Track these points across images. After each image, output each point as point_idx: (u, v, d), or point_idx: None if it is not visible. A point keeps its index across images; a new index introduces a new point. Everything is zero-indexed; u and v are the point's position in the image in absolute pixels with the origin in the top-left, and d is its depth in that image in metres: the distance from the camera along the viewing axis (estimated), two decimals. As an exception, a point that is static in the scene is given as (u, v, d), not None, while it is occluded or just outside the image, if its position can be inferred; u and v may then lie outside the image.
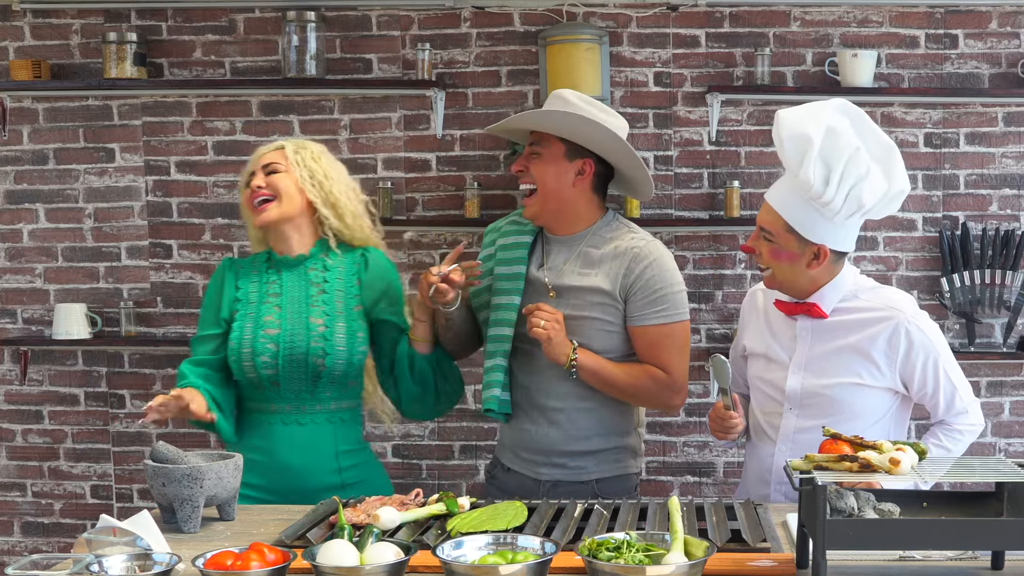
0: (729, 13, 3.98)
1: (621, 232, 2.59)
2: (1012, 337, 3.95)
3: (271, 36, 4.05)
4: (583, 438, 2.57)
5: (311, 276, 2.62)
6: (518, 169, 2.56)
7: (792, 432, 2.45)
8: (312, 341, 2.54)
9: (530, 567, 1.70)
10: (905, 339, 2.38)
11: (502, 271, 2.63)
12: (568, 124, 2.49)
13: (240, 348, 2.56)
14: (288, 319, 2.57)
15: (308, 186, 2.60)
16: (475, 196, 3.96)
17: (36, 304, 4.17)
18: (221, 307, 2.63)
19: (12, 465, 4.20)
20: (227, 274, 2.67)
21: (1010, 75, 3.94)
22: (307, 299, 2.59)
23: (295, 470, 2.55)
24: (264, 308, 2.59)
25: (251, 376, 2.55)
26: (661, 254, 2.54)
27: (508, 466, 2.67)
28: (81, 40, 4.09)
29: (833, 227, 2.35)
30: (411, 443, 4.13)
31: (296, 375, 2.54)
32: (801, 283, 2.42)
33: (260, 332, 2.56)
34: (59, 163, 4.13)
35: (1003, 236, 3.91)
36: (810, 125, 2.28)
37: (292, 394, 2.56)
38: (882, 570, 1.83)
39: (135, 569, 1.78)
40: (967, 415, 2.45)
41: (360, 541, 1.84)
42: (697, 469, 4.09)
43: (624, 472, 2.63)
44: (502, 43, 4.02)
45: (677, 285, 2.54)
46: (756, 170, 4.01)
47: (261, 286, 2.63)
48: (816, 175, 2.27)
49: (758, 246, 2.44)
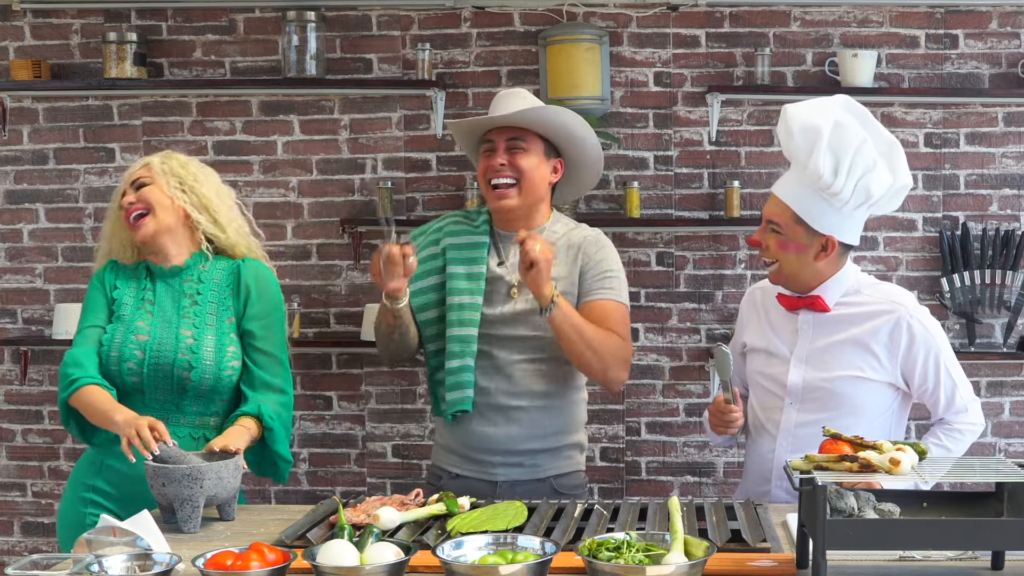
0: (729, 13, 3.98)
1: (570, 226, 2.67)
2: (1012, 337, 3.95)
3: (271, 36, 4.05)
4: (543, 436, 2.59)
5: (185, 287, 2.56)
6: (501, 163, 2.55)
7: (792, 427, 2.45)
8: (179, 353, 2.47)
9: (530, 567, 1.70)
10: (907, 333, 2.40)
11: (458, 270, 2.61)
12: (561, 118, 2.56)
13: (109, 351, 2.49)
14: (158, 327, 2.51)
15: (178, 193, 2.55)
16: (475, 196, 3.96)
17: (36, 304, 4.17)
18: (101, 304, 2.57)
19: (12, 465, 4.20)
20: (107, 274, 2.60)
21: (1010, 75, 3.94)
22: (179, 310, 2.54)
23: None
24: (138, 314, 2.54)
25: (117, 381, 2.48)
26: (609, 243, 2.65)
27: (456, 472, 2.64)
28: (81, 40, 4.09)
29: (841, 218, 2.38)
30: (411, 443, 4.13)
31: (161, 385, 2.49)
32: (806, 276, 2.44)
33: (130, 337, 2.50)
34: (59, 163, 4.13)
35: (1003, 236, 3.91)
36: (818, 117, 2.33)
37: (157, 403, 2.49)
38: (882, 570, 1.83)
39: (135, 569, 1.78)
40: (967, 413, 2.46)
41: (360, 541, 1.84)
42: (697, 469, 4.09)
43: (576, 468, 2.67)
44: (502, 43, 4.02)
45: (622, 272, 2.63)
46: (756, 170, 4.01)
47: (137, 292, 2.57)
48: (826, 165, 2.31)
49: (765, 239, 2.46)
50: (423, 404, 4.10)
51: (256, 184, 4.09)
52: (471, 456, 2.61)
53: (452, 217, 2.75)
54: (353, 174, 4.08)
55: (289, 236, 4.09)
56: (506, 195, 2.57)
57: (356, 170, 4.08)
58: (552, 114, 2.56)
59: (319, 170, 4.07)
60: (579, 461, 2.69)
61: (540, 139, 2.58)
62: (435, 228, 2.73)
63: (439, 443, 2.71)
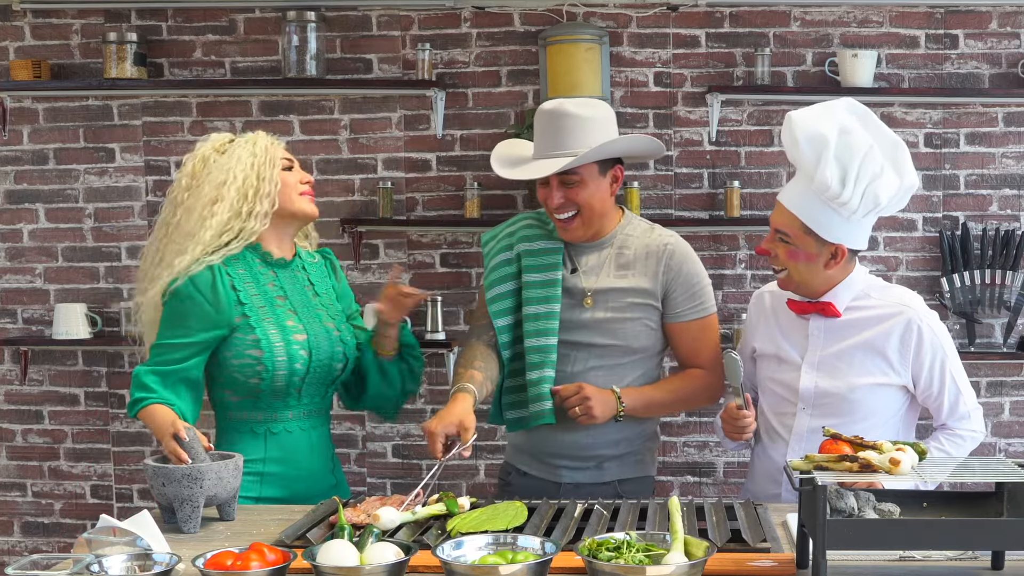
0: (729, 13, 3.98)
1: (644, 230, 2.63)
2: (1012, 337, 3.95)
3: (271, 36, 4.05)
4: (615, 442, 2.58)
5: (299, 278, 2.54)
6: (559, 203, 2.51)
7: (805, 432, 2.45)
8: (335, 346, 2.48)
9: (530, 567, 1.70)
10: (917, 335, 2.40)
11: (534, 278, 2.58)
12: (613, 148, 2.52)
13: (273, 356, 2.38)
14: (307, 323, 2.46)
15: None
16: (475, 196, 3.96)
17: (36, 304, 4.17)
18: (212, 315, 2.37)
19: (12, 465, 4.20)
20: (217, 278, 2.38)
21: (1010, 75, 3.94)
22: (309, 303, 2.51)
23: (315, 475, 2.50)
24: (279, 312, 2.44)
25: (280, 385, 2.41)
26: (690, 248, 2.63)
27: (525, 470, 2.66)
28: (81, 40, 4.09)
29: (850, 226, 2.37)
30: (411, 443, 4.13)
31: (318, 380, 2.48)
32: (817, 283, 2.44)
33: (290, 337, 2.42)
34: (59, 163, 4.13)
35: (1003, 236, 3.91)
36: (824, 125, 2.30)
37: (308, 398, 2.49)
38: (882, 570, 1.83)
39: (135, 569, 1.78)
40: (969, 420, 2.46)
41: (360, 541, 1.84)
42: (697, 469, 4.09)
43: (645, 474, 2.66)
44: (502, 43, 4.02)
45: (707, 277, 2.63)
46: (756, 170, 4.01)
47: (261, 287, 2.45)
48: (833, 176, 2.29)
49: (774, 248, 2.44)
50: (423, 404, 4.10)
51: (256, 184, 4.09)
52: (541, 458, 2.62)
53: (524, 219, 2.69)
54: (353, 174, 4.08)
55: (289, 236, 4.09)
56: (570, 226, 2.54)
57: (356, 170, 4.08)
58: (596, 155, 2.49)
59: (319, 170, 4.07)
60: (648, 466, 2.68)
61: (594, 162, 2.52)
62: (507, 232, 2.68)
63: (512, 441, 2.72)
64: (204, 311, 2.37)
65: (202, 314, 2.37)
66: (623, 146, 2.57)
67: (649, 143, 2.63)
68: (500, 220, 2.88)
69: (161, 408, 2.30)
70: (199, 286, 2.37)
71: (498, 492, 2.75)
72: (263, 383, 2.40)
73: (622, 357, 2.56)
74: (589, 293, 2.55)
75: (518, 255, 2.61)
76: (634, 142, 2.63)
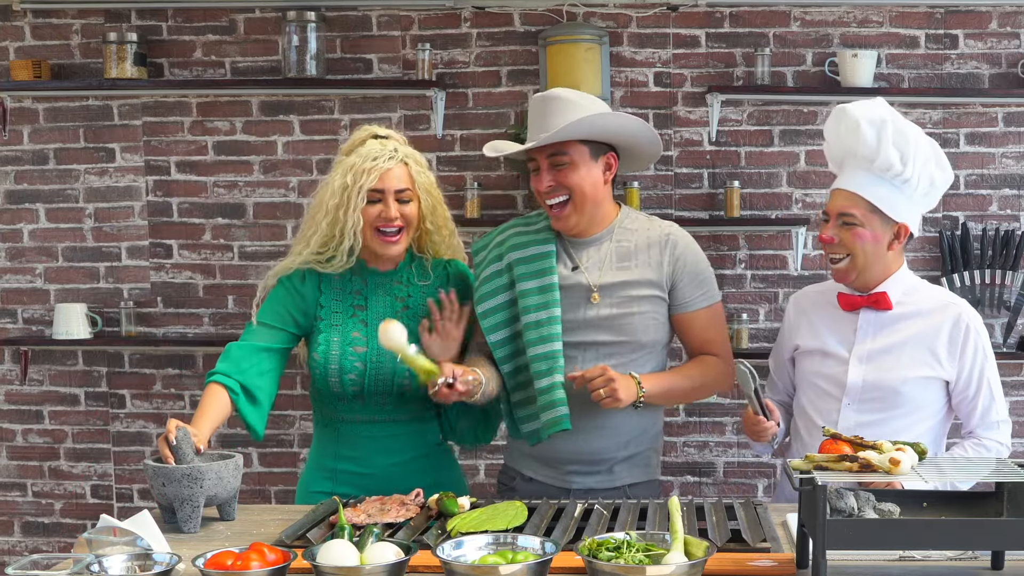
0: (729, 13, 3.98)
1: (642, 222, 2.61)
2: (1012, 337, 3.95)
3: (271, 36, 4.05)
4: (624, 444, 2.54)
5: (396, 290, 2.54)
6: (548, 186, 2.47)
7: (853, 427, 2.42)
8: (398, 362, 2.43)
9: (530, 567, 1.70)
10: (965, 332, 2.44)
11: (529, 285, 2.51)
12: (600, 124, 2.45)
13: (327, 364, 2.47)
14: (375, 337, 2.43)
15: (426, 209, 2.52)
16: (475, 196, 3.96)
17: (36, 304, 4.18)
18: (293, 311, 2.51)
19: (12, 465, 4.20)
20: (306, 283, 2.52)
21: (1010, 75, 3.94)
22: (390, 316, 2.47)
23: (392, 478, 2.48)
24: (351, 323, 2.50)
25: (337, 391, 2.48)
26: (691, 237, 2.61)
27: (531, 476, 2.58)
28: (81, 40, 4.09)
29: (911, 205, 2.44)
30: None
31: (381, 390, 2.48)
32: (877, 269, 2.46)
33: (348, 349, 2.47)
34: (59, 163, 4.13)
35: (1003, 236, 3.91)
36: (879, 111, 2.41)
37: (376, 406, 2.50)
38: (882, 570, 1.83)
39: (135, 569, 1.78)
40: (998, 430, 2.47)
41: (360, 541, 1.84)
42: (697, 469, 4.09)
43: (652, 478, 2.62)
44: (502, 43, 4.02)
45: (710, 265, 2.61)
46: (756, 170, 4.01)
47: (345, 297, 2.52)
48: (895, 155, 2.38)
49: (837, 234, 2.45)
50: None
51: (256, 184, 4.10)
52: (551, 464, 2.55)
53: (512, 228, 2.64)
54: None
55: (289, 236, 4.08)
56: (562, 214, 2.49)
57: (356, 170, 4.07)
58: (587, 126, 2.43)
59: (319, 170, 4.07)
60: (655, 468, 2.64)
61: (582, 143, 2.46)
62: (496, 242, 2.62)
63: (516, 445, 2.63)
64: (291, 304, 2.52)
65: (291, 305, 2.52)
66: (613, 126, 2.48)
67: (643, 128, 2.52)
68: (500, 220, 2.88)
69: (211, 393, 2.40)
70: (293, 281, 2.54)
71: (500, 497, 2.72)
72: (320, 385, 2.50)
73: (632, 353, 2.50)
74: (595, 289, 2.51)
75: (509, 265, 2.55)
76: (625, 122, 2.51)
